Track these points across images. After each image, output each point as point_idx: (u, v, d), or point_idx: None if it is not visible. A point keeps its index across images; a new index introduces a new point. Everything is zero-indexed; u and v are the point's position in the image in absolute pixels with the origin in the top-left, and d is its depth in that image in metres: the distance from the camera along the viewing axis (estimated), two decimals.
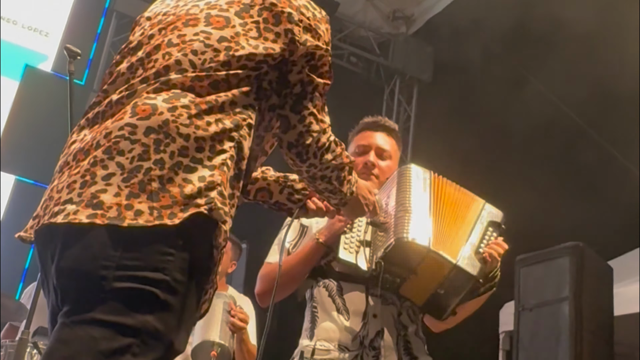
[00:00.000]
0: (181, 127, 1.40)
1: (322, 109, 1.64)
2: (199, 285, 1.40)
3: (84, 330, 1.29)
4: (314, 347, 2.19)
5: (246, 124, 1.49)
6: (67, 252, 1.37)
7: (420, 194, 2.14)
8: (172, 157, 1.37)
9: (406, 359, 2.23)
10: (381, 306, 2.23)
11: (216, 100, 1.46)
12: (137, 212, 1.31)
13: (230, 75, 1.50)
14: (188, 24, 1.57)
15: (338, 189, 1.77)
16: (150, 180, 1.34)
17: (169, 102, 1.43)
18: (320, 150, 1.65)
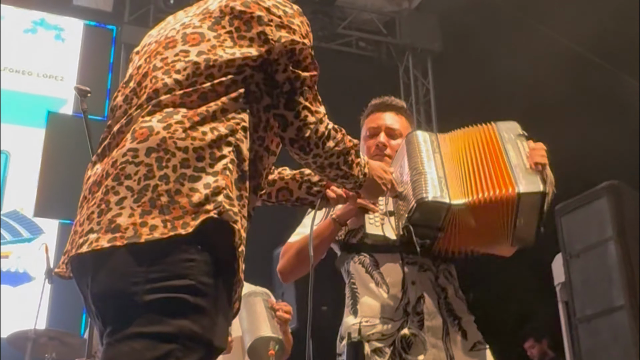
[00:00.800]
0: (178, 142, 1.47)
1: (315, 100, 1.69)
2: (226, 284, 1.46)
3: (126, 345, 1.37)
4: (359, 325, 2.23)
5: (241, 128, 1.56)
6: (97, 277, 1.46)
7: (431, 155, 2.15)
8: (175, 171, 1.45)
9: (450, 320, 2.26)
10: (418, 273, 2.27)
11: (207, 110, 1.53)
12: (152, 227, 1.39)
13: (215, 85, 1.56)
14: (168, 46, 1.65)
15: (349, 173, 1.82)
16: (159, 195, 1.42)
17: (164, 121, 1.51)
18: (320, 139, 1.69)
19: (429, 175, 2.09)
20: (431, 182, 2.08)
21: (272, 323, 3.18)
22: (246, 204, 1.55)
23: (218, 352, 1.46)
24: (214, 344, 1.42)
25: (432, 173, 2.10)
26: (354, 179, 1.85)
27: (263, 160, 1.69)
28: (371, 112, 2.53)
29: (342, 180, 1.85)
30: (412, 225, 2.08)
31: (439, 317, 2.24)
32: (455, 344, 2.23)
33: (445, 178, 2.10)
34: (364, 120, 2.55)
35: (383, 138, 2.44)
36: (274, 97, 1.65)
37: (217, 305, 1.43)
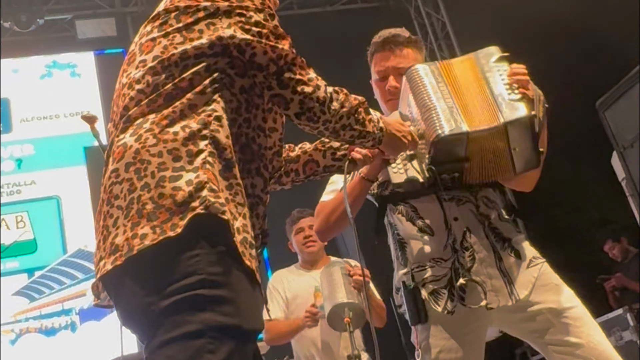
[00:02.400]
0: (151, 149, 1.49)
1: (303, 69, 1.67)
2: (239, 267, 1.46)
3: (159, 355, 1.39)
4: (411, 273, 2.22)
5: (213, 118, 1.55)
6: (115, 301, 1.52)
7: (436, 86, 2.09)
8: (154, 176, 1.46)
9: (499, 245, 2.21)
10: (457, 207, 2.23)
11: (174, 111, 1.54)
12: (142, 236, 1.41)
13: (177, 83, 1.57)
14: (130, 62, 1.67)
15: (364, 131, 1.80)
16: (143, 205, 1.43)
17: (135, 133, 1.53)
18: (324, 104, 1.68)
19: (439, 109, 2.04)
20: (443, 115, 2.03)
21: (348, 289, 3.26)
22: (239, 191, 1.54)
23: (254, 334, 1.47)
24: (244, 328, 1.42)
25: (442, 105, 2.05)
26: (372, 136, 1.83)
27: (257, 140, 1.69)
28: (375, 51, 2.44)
29: (360, 140, 1.83)
30: (437, 163, 2.05)
31: (489, 245, 2.20)
32: (510, 267, 2.19)
33: (455, 106, 2.06)
34: (370, 62, 2.48)
35: (392, 82, 2.38)
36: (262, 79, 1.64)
37: (236, 290, 1.43)
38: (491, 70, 2.11)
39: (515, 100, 2.03)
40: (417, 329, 2.21)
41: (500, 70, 2.10)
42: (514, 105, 2.02)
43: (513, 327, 2.25)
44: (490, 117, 2.03)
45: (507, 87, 2.06)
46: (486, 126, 2.02)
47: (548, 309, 2.14)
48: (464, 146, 2.04)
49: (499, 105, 2.03)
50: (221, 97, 1.59)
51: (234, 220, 1.47)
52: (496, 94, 2.05)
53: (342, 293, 3.24)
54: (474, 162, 2.09)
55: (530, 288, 2.16)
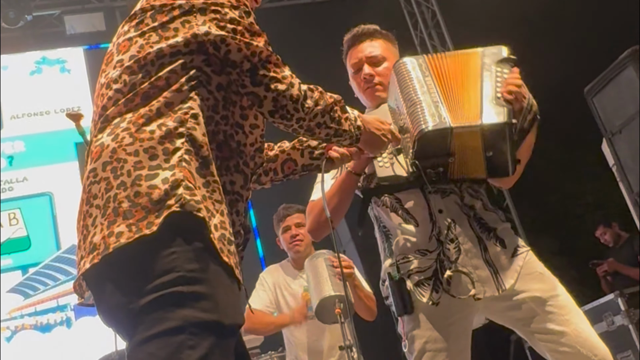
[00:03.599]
0: (127, 148, 1.49)
1: (277, 66, 1.67)
2: (217, 263, 1.47)
3: (141, 352, 1.40)
4: (396, 264, 2.23)
5: (190, 116, 1.55)
6: (95, 300, 1.54)
7: (422, 80, 2.10)
8: (130, 175, 1.46)
9: (484, 235, 2.23)
10: (442, 199, 2.24)
11: (150, 110, 1.54)
12: (118, 234, 1.42)
13: (154, 82, 1.57)
14: (108, 62, 1.68)
15: (340, 129, 1.80)
16: (120, 203, 1.44)
17: (112, 133, 1.53)
18: (298, 102, 1.68)
19: (424, 103, 2.05)
20: (428, 110, 2.04)
21: (333, 281, 3.23)
22: (217, 188, 1.54)
23: (234, 329, 1.48)
24: (224, 323, 1.43)
25: (427, 99, 2.06)
26: (348, 134, 1.82)
27: (235, 137, 1.69)
28: (348, 48, 2.47)
29: (336, 138, 1.82)
30: (421, 158, 2.06)
31: (474, 236, 2.22)
32: (496, 256, 2.21)
33: (441, 101, 2.07)
34: (345, 61, 2.50)
35: (367, 69, 2.38)
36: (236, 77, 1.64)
37: (214, 286, 1.44)
38: (490, 70, 2.12)
39: (499, 106, 2.03)
40: (403, 320, 2.23)
41: (499, 72, 2.11)
42: (496, 110, 2.03)
43: (499, 315, 2.27)
44: (472, 115, 2.04)
45: (497, 91, 2.06)
46: (467, 123, 2.03)
47: (532, 297, 2.16)
48: (448, 141, 2.05)
49: (483, 106, 2.04)
50: (198, 94, 1.59)
51: (211, 218, 1.48)
52: (485, 95, 2.06)
53: (328, 286, 3.22)
54: (458, 157, 2.10)
55: (515, 277, 2.18)
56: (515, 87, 2.06)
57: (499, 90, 2.06)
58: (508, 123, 2.01)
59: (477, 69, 2.13)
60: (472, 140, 2.05)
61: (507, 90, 2.05)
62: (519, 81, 2.08)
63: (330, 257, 3.35)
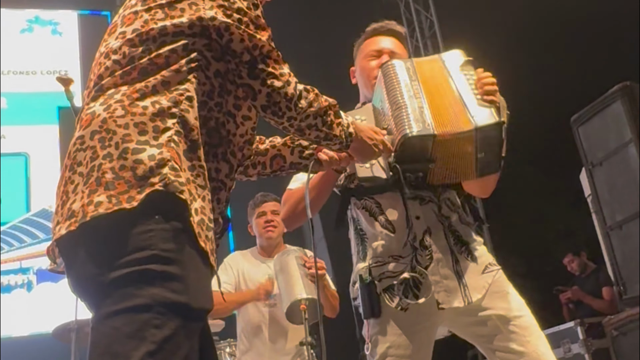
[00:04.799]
0: (118, 119, 1.48)
1: (277, 63, 1.66)
2: (193, 246, 1.46)
3: (105, 325, 1.38)
4: (369, 267, 2.24)
5: (185, 98, 1.54)
6: (66, 267, 1.52)
7: (409, 85, 2.11)
8: (118, 147, 1.45)
9: (457, 247, 2.25)
10: (420, 206, 2.25)
11: (146, 85, 1.53)
12: (97, 203, 1.40)
13: (153, 58, 1.56)
14: (111, 32, 1.66)
15: (330, 134, 1.79)
16: (103, 173, 1.42)
17: (104, 103, 1.52)
18: (291, 101, 1.67)
19: (409, 108, 2.06)
20: (413, 115, 2.05)
21: (305, 282, 3.21)
22: (202, 173, 1.53)
23: (202, 314, 1.47)
24: (192, 306, 1.42)
25: (413, 104, 2.07)
26: (338, 140, 1.82)
27: (226, 125, 1.68)
28: (371, 35, 2.45)
29: (325, 142, 1.82)
30: (402, 162, 2.07)
31: (447, 247, 2.24)
32: (466, 269, 2.23)
33: (426, 107, 2.07)
34: (361, 45, 2.48)
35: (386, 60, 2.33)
36: (234, 66, 1.63)
37: (188, 268, 1.43)
38: (458, 74, 2.13)
39: (485, 107, 2.05)
40: (369, 323, 2.24)
41: (467, 75, 2.12)
42: (484, 111, 2.04)
43: (462, 329, 2.28)
44: (461, 121, 2.04)
45: (475, 93, 2.08)
46: (457, 130, 2.04)
47: (497, 315, 2.18)
48: (430, 148, 2.05)
49: (469, 110, 2.05)
50: (195, 78, 1.59)
51: (193, 201, 1.47)
52: (465, 99, 2.07)
53: (300, 287, 3.19)
54: (438, 164, 2.11)
55: (483, 293, 2.20)
56: (491, 86, 2.08)
57: (477, 92, 2.08)
58: (500, 122, 2.04)
59: (444, 74, 2.15)
60: (465, 145, 2.06)
61: (484, 91, 2.07)
62: (491, 79, 2.10)
63: (302, 256, 3.33)
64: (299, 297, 3.17)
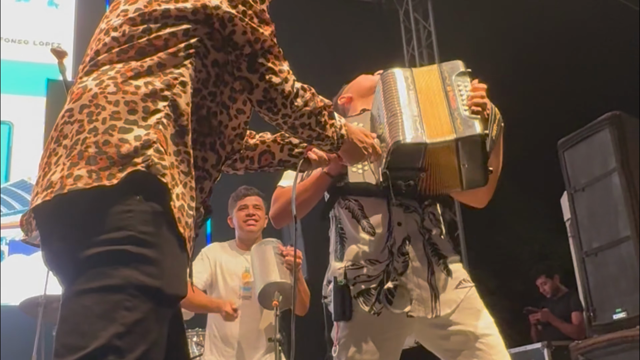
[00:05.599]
0: (109, 96, 1.47)
1: (277, 59, 1.65)
2: (172, 231, 1.44)
3: (75, 303, 1.37)
4: (345, 268, 2.25)
5: (179, 82, 1.53)
6: (41, 239, 1.50)
7: (406, 94, 2.13)
8: (105, 123, 1.43)
9: (435, 259, 2.27)
10: (404, 214, 2.27)
11: (142, 65, 1.52)
12: (77, 177, 1.38)
13: (152, 40, 1.55)
14: (113, 9, 1.65)
15: (323, 134, 1.79)
16: (87, 147, 1.41)
17: (97, 78, 1.51)
18: (287, 99, 1.67)
19: (405, 115, 2.07)
20: (407, 123, 2.06)
21: (281, 269, 3.25)
22: (187, 159, 1.52)
23: (175, 300, 1.46)
24: (165, 291, 1.41)
25: (408, 113, 2.08)
26: (330, 140, 1.82)
27: (218, 116, 1.67)
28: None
29: (317, 142, 1.82)
30: (393, 168, 2.08)
31: (424, 257, 2.25)
32: (440, 282, 2.25)
33: (420, 116, 2.08)
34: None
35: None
36: (234, 58, 1.62)
37: (164, 253, 1.41)
38: (452, 84, 2.14)
39: (471, 118, 2.06)
40: (339, 325, 2.24)
41: (461, 86, 2.14)
42: (468, 122, 2.05)
43: (430, 341, 2.30)
44: (445, 130, 2.06)
45: (464, 104, 2.09)
46: (441, 139, 2.05)
47: (466, 331, 2.19)
48: (421, 157, 2.07)
49: (454, 120, 2.06)
50: (192, 64, 1.57)
51: (175, 186, 1.45)
52: (453, 109, 2.09)
53: (276, 272, 3.23)
54: (429, 173, 2.12)
55: (454, 307, 2.22)
56: (480, 99, 2.09)
57: (466, 103, 2.09)
58: (482, 134, 2.04)
59: (439, 84, 2.16)
60: (447, 154, 2.08)
61: (473, 103, 2.08)
62: (482, 92, 2.12)
63: (279, 246, 3.36)
64: (273, 280, 3.20)
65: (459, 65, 2.19)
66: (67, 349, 1.35)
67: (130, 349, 1.35)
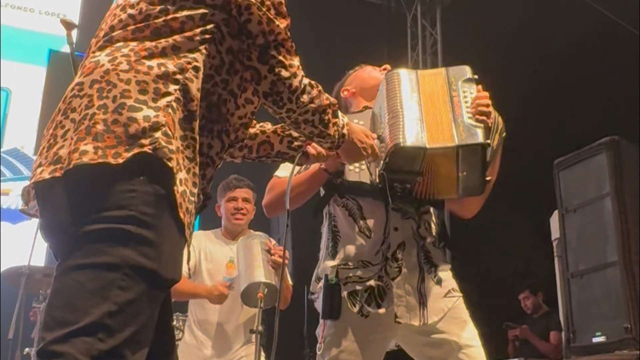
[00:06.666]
0: (121, 74, 1.46)
1: (289, 53, 1.65)
2: (172, 215, 1.44)
3: (70, 277, 1.37)
4: (337, 267, 2.25)
5: (192, 67, 1.52)
6: (41, 211, 1.49)
7: (409, 96, 2.12)
8: (115, 101, 1.42)
9: (427, 267, 2.27)
10: (401, 220, 2.27)
11: (156, 46, 1.51)
12: (82, 152, 1.38)
13: (169, 21, 1.54)
14: None
15: (325, 132, 1.79)
16: (95, 123, 1.40)
17: (110, 54, 1.50)
18: (294, 94, 1.67)
19: (406, 118, 2.06)
20: (408, 126, 2.05)
21: (266, 267, 3.20)
22: (192, 145, 1.51)
23: (169, 284, 1.45)
24: (161, 275, 1.40)
25: (409, 115, 2.07)
26: (331, 139, 1.83)
27: (228, 104, 1.66)
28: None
29: (318, 139, 1.83)
30: (390, 171, 2.07)
31: (416, 264, 2.26)
32: (430, 290, 2.25)
33: (422, 119, 2.07)
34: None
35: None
36: (245, 47, 1.61)
37: (163, 236, 1.41)
38: (458, 90, 2.12)
39: (473, 126, 2.04)
40: (325, 323, 2.24)
41: (466, 92, 2.12)
42: (471, 130, 2.03)
43: (413, 348, 2.31)
44: (446, 136, 2.04)
45: (469, 111, 2.07)
46: (441, 145, 2.03)
47: (450, 341, 2.20)
48: (420, 161, 2.06)
49: (457, 127, 2.05)
50: (207, 50, 1.56)
51: (179, 171, 1.45)
52: (457, 115, 2.07)
53: (261, 271, 3.19)
54: (426, 178, 2.11)
55: (441, 316, 2.23)
56: (485, 107, 2.07)
57: (470, 111, 2.07)
58: (483, 144, 2.02)
59: (445, 88, 2.14)
60: (446, 160, 2.06)
61: (477, 111, 2.06)
62: (487, 100, 2.10)
63: (267, 242, 3.33)
64: (258, 280, 3.15)
65: (467, 70, 2.17)
66: (57, 323, 1.35)
67: (120, 328, 1.34)
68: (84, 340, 1.31)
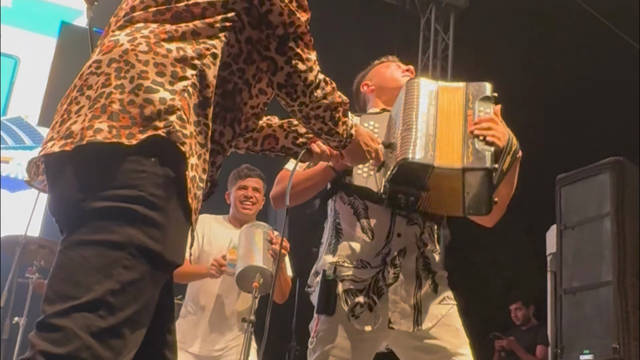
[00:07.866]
0: (140, 55, 1.45)
1: (307, 47, 1.65)
2: (181, 199, 1.44)
3: (74, 252, 1.37)
4: (336, 264, 2.26)
5: (210, 54, 1.52)
6: (50, 185, 1.49)
7: (426, 109, 2.10)
8: (132, 82, 1.42)
9: (424, 274, 2.29)
10: (406, 226, 2.28)
11: (176, 30, 1.51)
12: (97, 130, 1.38)
13: (190, 6, 1.54)
14: None
15: (334, 130, 1.79)
16: (111, 102, 1.40)
17: (130, 34, 1.50)
18: (308, 88, 1.67)
19: (419, 132, 2.05)
20: (420, 141, 2.04)
21: (265, 255, 3.23)
22: (205, 131, 1.52)
23: (171, 267, 1.45)
24: (165, 257, 1.41)
25: (423, 130, 2.06)
26: (339, 137, 1.82)
27: (242, 93, 1.66)
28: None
29: (326, 136, 1.82)
30: (396, 182, 2.08)
31: (414, 270, 2.27)
32: (425, 297, 2.27)
33: (434, 136, 2.06)
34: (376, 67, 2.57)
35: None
36: (264, 37, 1.61)
37: (170, 219, 1.41)
38: (474, 109, 2.10)
39: (484, 149, 2.01)
40: (319, 318, 2.25)
41: (482, 112, 2.09)
42: (479, 153, 2.01)
43: (404, 351, 2.32)
44: (455, 157, 2.03)
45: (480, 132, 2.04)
46: (448, 165, 2.03)
47: (441, 347, 2.22)
48: (426, 177, 2.06)
49: (466, 148, 2.03)
50: (226, 37, 1.56)
51: (191, 156, 1.45)
52: (468, 135, 2.05)
53: (259, 257, 3.21)
54: (430, 194, 2.12)
55: (434, 322, 2.24)
56: (496, 131, 2.04)
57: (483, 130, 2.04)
58: (489, 169, 2.00)
59: (461, 105, 2.12)
60: (453, 179, 2.06)
61: (490, 134, 2.03)
62: (495, 122, 2.06)
63: (269, 232, 3.35)
64: (256, 264, 3.18)
65: (486, 88, 2.14)
66: (58, 296, 1.35)
67: (121, 307, 1.35)
68: (84, 316, 1.31)
